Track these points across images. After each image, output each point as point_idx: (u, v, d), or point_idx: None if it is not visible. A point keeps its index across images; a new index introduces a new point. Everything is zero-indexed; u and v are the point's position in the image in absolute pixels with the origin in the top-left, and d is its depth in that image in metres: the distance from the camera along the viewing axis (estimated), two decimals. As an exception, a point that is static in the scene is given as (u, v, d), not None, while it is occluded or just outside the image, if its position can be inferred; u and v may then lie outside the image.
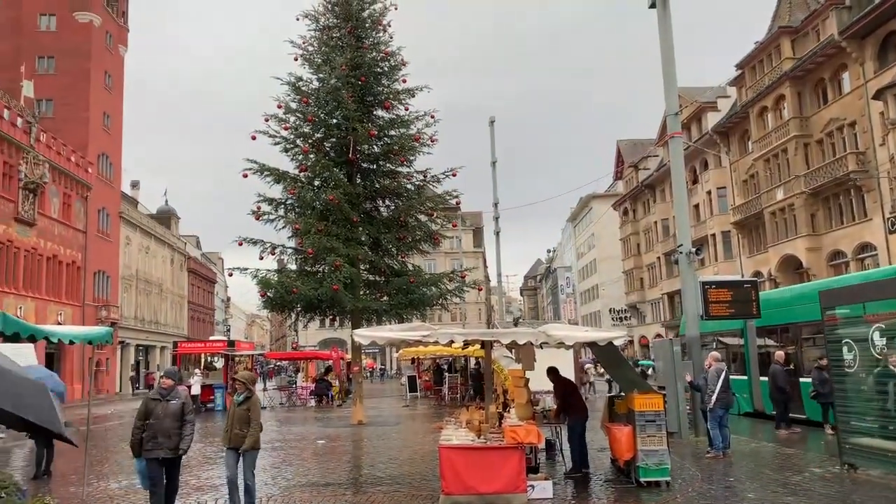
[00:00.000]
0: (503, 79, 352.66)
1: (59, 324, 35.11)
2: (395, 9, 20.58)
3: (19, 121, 34.52)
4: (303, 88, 19.55)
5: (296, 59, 19.85)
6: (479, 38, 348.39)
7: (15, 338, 7.33)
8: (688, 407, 14.30)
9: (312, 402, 28.22)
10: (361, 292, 19.00)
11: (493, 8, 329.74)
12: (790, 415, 14.68)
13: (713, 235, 41.69)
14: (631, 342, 57.15)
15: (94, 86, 44.36)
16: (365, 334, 9.05)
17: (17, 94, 38.76)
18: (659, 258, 51.23)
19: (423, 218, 20.23)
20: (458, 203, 20.91)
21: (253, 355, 36.54)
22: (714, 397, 11.51)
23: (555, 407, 11.30)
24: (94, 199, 42.89)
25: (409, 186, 20.12)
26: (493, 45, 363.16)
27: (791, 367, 15.57)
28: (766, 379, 15.86)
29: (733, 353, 19.21)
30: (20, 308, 33.08)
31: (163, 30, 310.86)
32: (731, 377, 17.60)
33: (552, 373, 10.73)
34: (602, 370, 28.45)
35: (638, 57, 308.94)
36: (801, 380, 15.22)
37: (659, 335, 50.93)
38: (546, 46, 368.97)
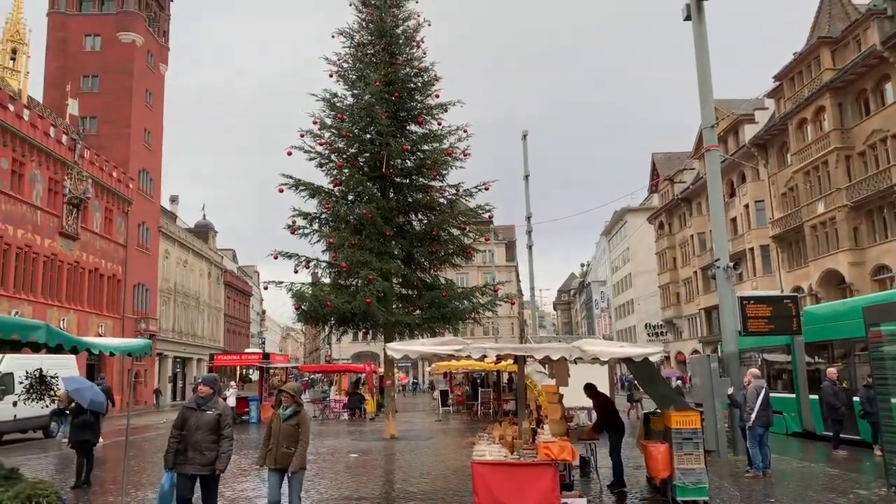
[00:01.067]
0: (536, 92, 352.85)
1: (100, 336, 35.93)
2: (429, 25, 20.78)
3: (64, 138, 35.62)
4: (337, 104, 19.79)
5: (331, 76, 20.14)
6: (512, 51, 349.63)
7: (58, 349, 7.47)
8: (726, 424, 13.97)
9: (345, 416, 28.31)
10: (394, 306, 19.05)
11: (521, 21, 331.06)
12: (845, 435, 14.16)
13: (751, 249, 40.88)
14: (667, 358, 56.19)
15: (136, 103, 45.59)
16: (398, 348, 9.06)
17: (63, 113, 40.03)
18: (696, 272, 50.40)
19: (455, 232, 20.25)
20: (490, 217, 20.90)
21: (287, 368, 36.87)
22: (753, 415, 11.23)
23: (590, 423, 11.16)
24: (134, 213, 43.94)
25: (441, 200, 20.18)
26: (526, 58, 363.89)
27: (843, 384, 15.03)
28: (816, 397, 15.37)
29: (778, 369, 18.68)
30: (63, 320, 33.95)
31: (202, 48, 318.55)
32: (778, 395, 17.21)
33: (590, 388, 10.63)
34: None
35: (672, 68, 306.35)
36: (855, 398, 14.72)
37: (696, 351, 50.00)
38: (580, 59, 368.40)
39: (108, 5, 46.37)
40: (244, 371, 30.67)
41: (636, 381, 20.21)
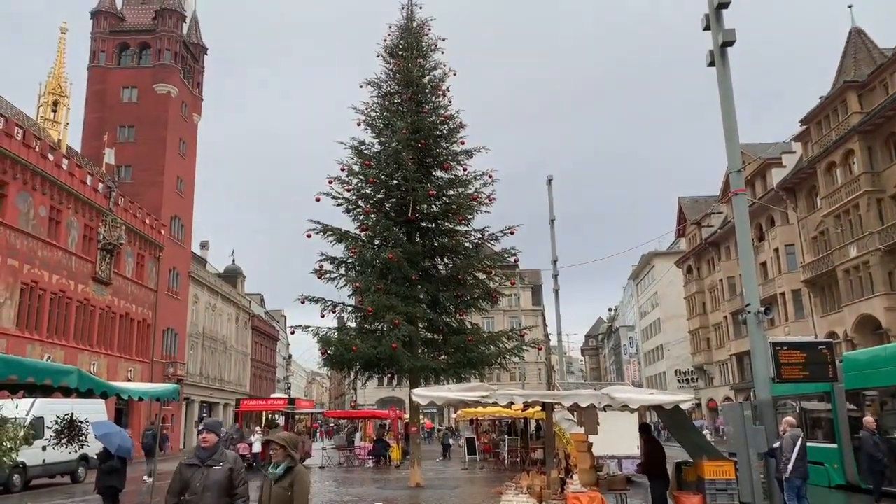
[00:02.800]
0: (562, 138, 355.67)
1: (129, 380, 36.25)
2: (454, 75, 21.23)
3: (100, 186, 36.64)
4: (365, 151, 20.16)
5: (359, 125, 20.56)
6: (537, 99, 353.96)
7: (88, 394, 7.55)
8: (762, 475, 13.51)
9: (370, 463, 27.97)
10: (420, 351, 18.98)
11: (548, 66, 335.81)
12: (887, 488, 13.57)
13: (783, 294, 40.14)
14: (698, 405, 54.84)
15: (170, 152, 46.87)
16: (424, 394, 9.01)
17: (100, 161, 41.30)
18: (726, 317, 49.52)
19: (481, 276, 20.25)
20: (516, 261, 20.88)
21: (312, 413, 36.71)
22: (790, 466, 10.87)
23: (620, 473, 10.90)
24: (165, 259, 44.73)
25: (467, 245, 20.26)
26: (551, 106, 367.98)
27: (881, 433, 14.44)
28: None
29: (817, 418, 18.06)
30: (94, 364, 34.36)
31: (234, 98, 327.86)
32: (819, 445, 16.62)
33: (645, 430, 10.40)
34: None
35: (697, 112, 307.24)
36: None
37: (728, 398, 48.75)
38: (604, 105, 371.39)
39: (145, 58, 48.15)
40: (270, 416, 30.60)
41: (667, 430, 19.73)
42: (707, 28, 12.40)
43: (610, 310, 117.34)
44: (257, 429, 27.80)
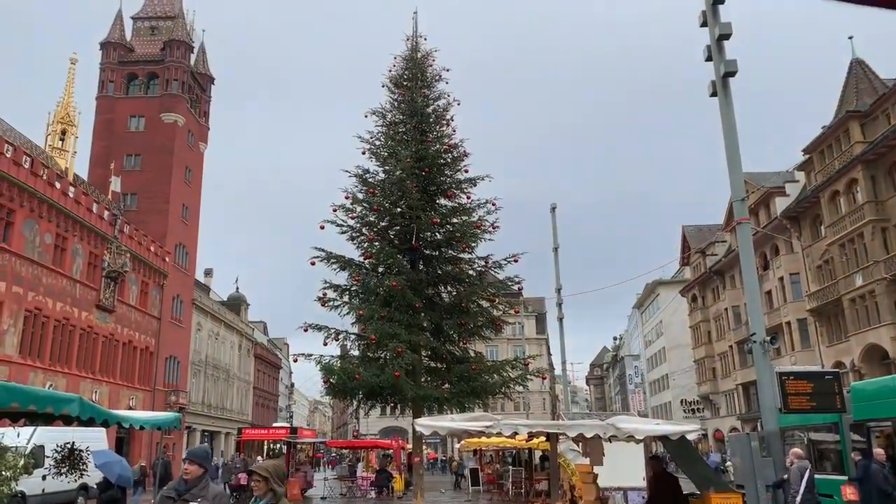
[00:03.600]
0: (564, 168, 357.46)
1: (131, 408, 36.05)
2: (458, 104, 21.41)
3: (106, 214, 36.85)
4: (369, 180, 20.26)
5: (363, 153, 20.69)
6: (538, 129, 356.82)
7: (90, 422, 7.51)
8: (770, 508, 13.29)
9: (372, 494, 27.62)
10: (423, 379, 18.85)
11: (551, 98, 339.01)
12: None
13: (788, 323, 39.89)
14: (705, 436, 54.19)
15: (175, 180, 47.19)
16: (427, 424, 8.93)
17: (106, 189, 41.58)
18: (731, 347, 49.17)
19: (484, 304, 20.19)
20: (520, 289, 20.82)
21: (315, 443, 36.36)
22: (798, 498, 10.70)
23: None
24: (169, 286, 44.76)
25: (470, 272, 20.22)
26: (551, 135, 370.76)
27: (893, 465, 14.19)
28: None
29: (826, 449, 17.80)
30: (96, 392, 34.19)
31: (241, 128, 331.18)
32: (828, 477, 16.36)
33: (658, 462, 10.15)
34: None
35: (700, 141, 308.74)
36: None
37: (735, 429, 48.19)
38: (606, 135, 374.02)
39: (153, 88, 48.78)
40: (272, 445, 30.31)
41: (674, 461, 19.47)
42: (709, 59, 12.52)
43: (615, 338, 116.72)
44: (259, 458, 27.53)
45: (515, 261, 19.85)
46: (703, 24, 12.47)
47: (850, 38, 36.07)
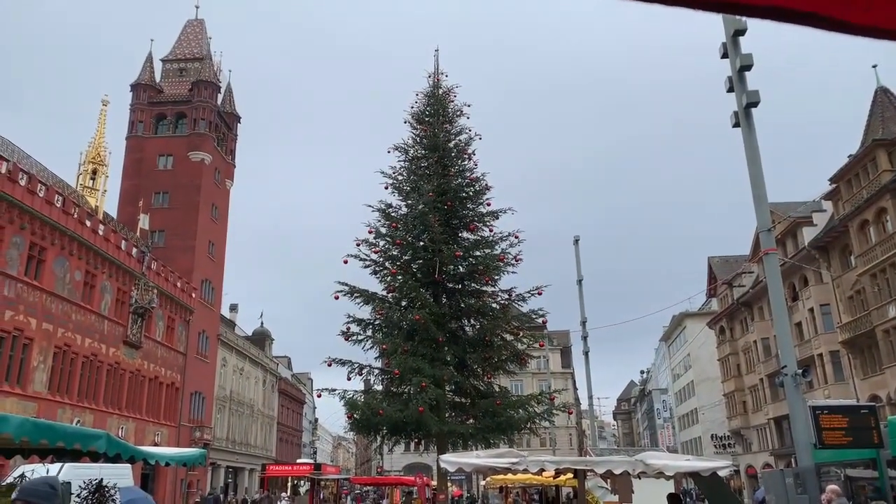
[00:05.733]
0: (587, 201, 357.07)
1: (156, 444, 36.11)
2: (480, 138, 21.62)
3: (134, 251, 37.47)
4: (392, 214, 20.43)
5: (386, 188, 20.92)
6: (558, 165, 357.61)
7: (116, 458, 7.53)
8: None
9: (397, 532, 27.23)
10: (447, 415, 18.70)
11: (566, 137, 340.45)
12: None
13: (820, 356, 38.96)
14: (737, 472, 52.72)
15: (202, 217, 47.94)
16: (452, 460, 8.82)
17: (135, 226, 42.37)
18: (762, 380, 48.07)
19: (508, 337, 20.06)
20: (544, 322, 20.70)
21: (338, 479, 36.06)
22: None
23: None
24: (195, 322, 45.14)
25: (494, 305, 20.17)
26: (574, 171, 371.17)
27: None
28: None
29: (864, 486, 17.20)
30: (122, 428, 34.36)
31: (264, 163, 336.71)
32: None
33: (676, 500, 10.00)
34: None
35: (722, 171, 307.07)
36: None
37: (768, 465, 46.87)
38: (630, 168, 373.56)
39: (181, 127, 49.92)
40: (295, 482, 30.12)
41: (704, 498, 18.95)
42: (731, 90, 12.52)
43: (642, 372, 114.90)
44: (283, 495, 27.35)
45: (539, 293, 19.79)
46: (724, 56, 12.50)
47: (874, 66, 35.92)
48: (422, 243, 19.98)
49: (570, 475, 12.77)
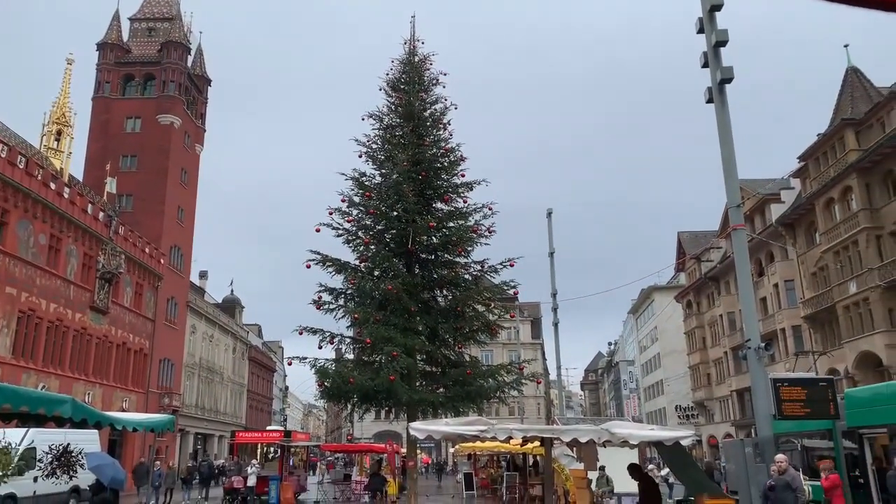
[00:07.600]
0: (560, 175, 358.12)
1: (124, 410, 35.87)
2: (455, 108, 21.47)
3: (101, 215, 36.73)
4: (366, 183, 20.28)
5: (360, 157, 20.72)
6: (534, 138, 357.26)
7: (82, 424, 7.46)
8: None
9: (366, 498, 27.53)
10: (418, 384, 18.84)
11: (546, 108, 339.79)
12: None
13: (783, 330, 39.99)
14: (699, 442, 54.23)
15: (171, 182, 47.08)
16: (421, 428, 8.91)
17: (101, 190, 41.47)
18: (726, 353, 49.26)
19: (480, 308, 20.20)
20: (515, 293, 20.86)
21: (308, 446, 36.25)
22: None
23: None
24: (164, 288, 44.61)
25: (466, 276, 20.25)
26: (549, 142, 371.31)
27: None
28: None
29: (820, 456, 17.81)
30: (88, 394, 34.02)
31: (237, 130, 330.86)
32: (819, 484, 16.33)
33: (635, 470, 10.29)
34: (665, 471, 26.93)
35: (695, 148, 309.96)
36: None
37: (729, 435, 48.24)
38: (602, 142, 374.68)
39: (149, 89, 48.67)
40: (265, 449, 30.21)
41: (667, 466, 19.48)
42: (705, 65, 12.56)
43: (609, 344, 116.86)
44: (253, 461, 27.43)
45: (511, 265, 19.89)
46: (700, 31, 12.52)
47: (846, 46, 36.29)
48: (395, 213, 19.90)
49: (537, 443, 13.01)
